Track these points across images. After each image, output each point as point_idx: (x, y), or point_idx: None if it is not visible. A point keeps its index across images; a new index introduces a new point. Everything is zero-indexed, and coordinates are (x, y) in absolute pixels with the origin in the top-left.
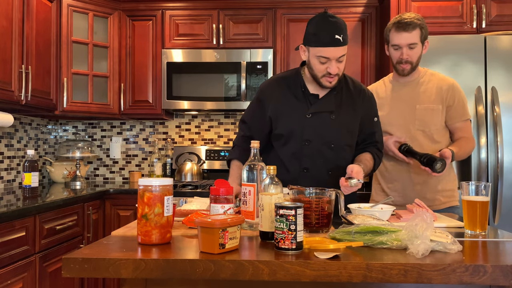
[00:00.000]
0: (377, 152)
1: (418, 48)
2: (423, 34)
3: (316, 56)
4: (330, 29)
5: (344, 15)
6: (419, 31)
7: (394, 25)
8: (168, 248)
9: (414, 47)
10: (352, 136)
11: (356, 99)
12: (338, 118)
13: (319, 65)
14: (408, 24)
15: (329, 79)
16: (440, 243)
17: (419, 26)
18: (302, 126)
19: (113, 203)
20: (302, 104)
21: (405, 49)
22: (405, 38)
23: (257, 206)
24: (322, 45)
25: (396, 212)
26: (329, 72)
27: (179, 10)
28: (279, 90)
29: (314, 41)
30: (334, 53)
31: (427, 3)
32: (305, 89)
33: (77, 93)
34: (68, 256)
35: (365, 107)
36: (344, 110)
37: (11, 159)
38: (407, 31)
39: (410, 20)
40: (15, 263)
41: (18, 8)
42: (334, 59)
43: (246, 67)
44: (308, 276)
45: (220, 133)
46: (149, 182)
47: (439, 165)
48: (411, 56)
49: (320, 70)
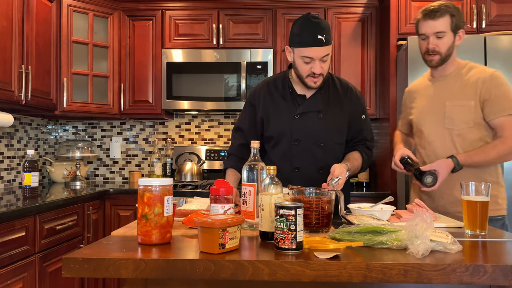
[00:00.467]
0: (366, 150)
1: (448, 38)
2: (453, 22)
3: (300, 57)
4: (313, 29)
5: (344, 15)
6: (449, 18)
7: (421, 13)
8: (168, 248)
9: (442, 36)
10: (341, 134)
11: (343, 98)
12: (326, 117)
13: (304, 65)
14: (435, 11)
15: (313, 79)
16: (440, 243)
17: (449, 13)
18: (291, 127)
19: (113, 203)
20: (290, 105)
21: (431, 38)
22: (431, 26)
23: (257, 206)
24: (305, 45)
25: (396, 212)
26: (313, 72)
27: (179, 10)
28: (268, 93)
29: (298, 41)
30: (318, 53)
31: (427, 3)
32: (292, 90)
33: (77, 93)
34: (68, 256)
35: (353, 105)
36: (332, 109)
37: (11, 159)
38: (433, 19)
39: (438, 8)
40: (15, 263)
41: (18, 8)
42: (317, 59)
43: (246, 67)
44: (308, 276)
45: (220, 133)
46: (149, 182)
47: (429, 180)
48: (439, 45)
49: (304, 70)
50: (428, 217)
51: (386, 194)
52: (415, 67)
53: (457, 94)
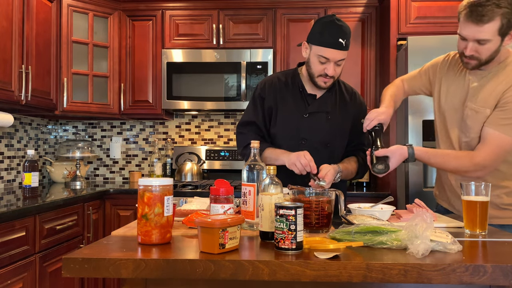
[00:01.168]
0: (363, 156)
1: (493, 44)
2: (503, 26)
3: (316, 55)
4: (335, 31)
5: (344, 15)
6: (499, 21)
7: (465, 8)
8: (168, 248)
9: (485, 43)
10: (344, 137)
11: (348, 102)
12: (333, 119)
13: (318, 64)
14: (481, 15)
15: (324, 79)
16: (440, 243)
17: (500, 15)
18: (299, 125)
19: (113, 203)
20: (300, 104)
21: (471, 44)
22: (473, 31)
23: (257, 206)
24: (325, 45)
25: (396, 212)
26: (326, 73)
27: (179, 10)
28: (276, 89)
29: (318, 40)
30: (335, 55)
31: (427, 3)
32: (303, 89)
33: (77, 93)
34: (68, 256)
35: (356, 110)
36: (339, 111)
37: (11, 159)
38: (477, 24)
39: (486, 8)
40: (15, 263)
41: (18, 8)
42: (333, 61)
43: (246, 67)
44: (308, 276)
45: (220, 133)
46: (149, 182)
47: (380, 167)
48: (479, 51)
49: (318, 69)
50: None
51: (386, 194)
52: (415, 67)
53: (482, 96)
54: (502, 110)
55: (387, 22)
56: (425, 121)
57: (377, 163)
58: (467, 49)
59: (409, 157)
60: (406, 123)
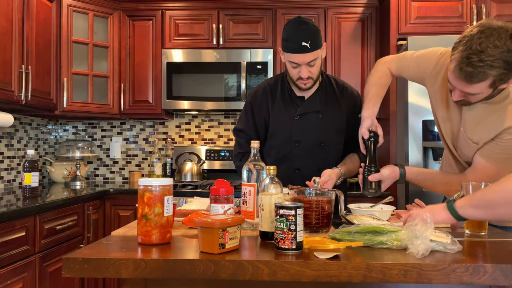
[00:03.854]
0: None
1: (482, 95)
2: (495, 82)
3: (288, 61)
4: (298, 36)
5: (344, 15)
6: (490, 80)
7: (457, 62)
8: (168, 248)
9: (474, 95)
10: (341, 134)
11: (340, 98)
12: (325, 118)
13: (292, 69)
14: (472, 77)
15: (303, 81)
16: (440, 243)
17: (493, 76)
18: (290, 128)
19: (113, 203)
20: (290, 107)
21: (458, 92)
22: (462, 86)
23: (257, 206)
24: (290, 51)
25: (396, 212)
26: (301, 76)
27: (179, 10)
28: (266, 96)
29: (285, 47)
30: (302, 59)
31: (427, 3)
32: (291, 92)
33: (77, 93)
34: (68, 256)
35: (350, 104)
36: (330, 109)
37: (11, 159)
38: (468, 82)
39: (477, 70)
40: (15, 263)
41: (18, 8)
42: (303, 64)
43: (246, 67)
44: (308, 276)
45: (220, 133)
46: (149, 182)
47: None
48: (469, 98)
49: (293, 74)
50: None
51: (386, 194)
52: None
53: (473, 129)
54: (497, 144)
55: (387, 22)
56: (425, 121)
57: (370, 187)
58: (454, 95)
59: (400, 178)
60: (406, 123)
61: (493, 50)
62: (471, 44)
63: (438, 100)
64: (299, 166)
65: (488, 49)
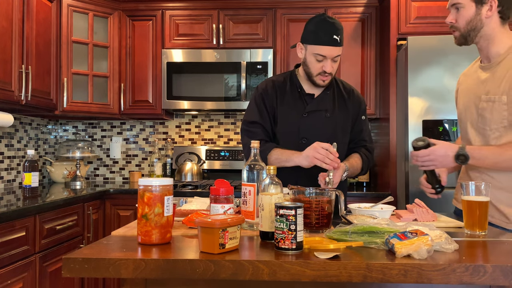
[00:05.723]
0: (366, 153)
1: (466, 11)
2: None
3: (313, 54)
4: (329, 29)
5: (344, 15)
6: None
7: None
8: (168, 248)
9: (460, 8)
10: (345, 135)
11: (347, 99)
12: (332, 117)
13: (315, 63)
14: None
15: (323, 77)
16: (436, 243)
17: None
18: (299, 125)
19: (113, 203)
20: (299, 104)
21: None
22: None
23: (257, 206)
24: (320, 43)
25: (396, 212)
26: (324, 71)
27: (179, 10)
28: (275, 92)
29: (313, 39)
30: (331, 52)
31: (427, 3)
32: (301, 89)
33: (77, 93)
34: (68, 256)
35: (355, 106)
36: (338, 109)
37: (11, 159)
38: None
39: None
40: (15, 263)
41: (18, 8)
42: (330, 58)
43: (246, 67)
44: (308, 276)
45: (220, 133)
46: (149, 182)
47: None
48: (458, 20)
49: (315, 68)
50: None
51: (386, 194)
52: (415, 67)
53: (492, 85)
54: None
55: (387, 22)
56: (425, 121)
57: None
58: (448, 17)
59: (464, 156)
60: (406, 123)
61: None
62: None
63: (466, 80)
64: None
65: None
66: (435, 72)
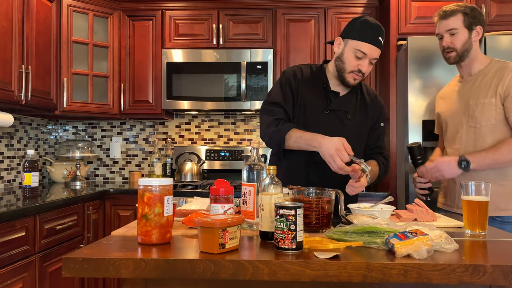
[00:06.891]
0: (383, 160)
1: (462, 34)
2: (466, 20)
3: (353, 50)
4: (375, 29)
5: (344, 15)
6: (461, 16)
7: (436, 15)
8: (168, 248)
9: (455, 33)
10: (362, 139)
11: (369, 105)
12: (352, 119)
13: (353, 59)
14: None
15: (355, 76)
16: (436, 243)
17: (461, 12)
18: (318, 121)
19: (113, 203)
20: (322, 99)
21: (446, 36)
22: (444, 25)
23: (257, 206)
24: (366, 40)
25: (396, 212)
26: (359, 69)
27: (179, 10)
28: (302, 78)
29: (358, 35)
30: (373, 52)
31: (427, 3)
32: (326, 85)
33: (77, 93)
34: (68, 256)
35: (376, 113)
36: (358, 113)
37: (11, 159)
38: (445, 18)
39: (449, 8)
40: (15, 263)
41: (18, 8)
42: (369, 58)
43: (246, 67)
44: (308, 276)
45: (220, 133)
46: (149, 182)
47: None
48: (453, 42)
49: (352, 65)
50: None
51: (386, 194)
52: (415, 67)
53: (480, 92)
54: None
55: (387, 22)
56: (425, 121)
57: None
58: (444, 41)
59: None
60: (406, 123)
61: (457, 3)
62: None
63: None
64: (318, 160)
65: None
66: (435, 72)
